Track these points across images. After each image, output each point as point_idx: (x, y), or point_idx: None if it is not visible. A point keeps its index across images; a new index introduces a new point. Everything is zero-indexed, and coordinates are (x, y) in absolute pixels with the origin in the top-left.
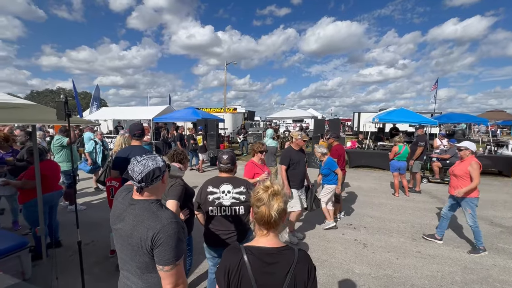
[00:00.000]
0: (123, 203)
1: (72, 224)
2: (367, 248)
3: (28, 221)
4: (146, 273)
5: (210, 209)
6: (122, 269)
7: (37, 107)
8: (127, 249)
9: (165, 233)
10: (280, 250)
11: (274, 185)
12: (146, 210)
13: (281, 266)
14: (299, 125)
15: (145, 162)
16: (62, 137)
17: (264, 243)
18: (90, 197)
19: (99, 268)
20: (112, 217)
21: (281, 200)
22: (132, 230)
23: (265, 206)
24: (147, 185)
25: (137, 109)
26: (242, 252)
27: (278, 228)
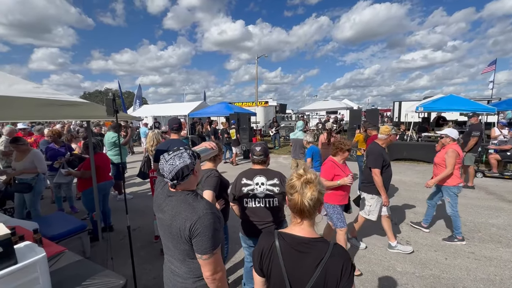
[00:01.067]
0: (162, 193)
1: (120, 211)
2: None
3: (86, 207)
4: (188, 259)
5: (244, 200)
6: (166, 254)
7: (91, 105)
8: (169, 237)
9: (201, 224)
10: (313, 241)
11: (308, 173)
12: (183, 202)
13: (312, 257)
14: (334, 116)
15: (173, 162)
16: (116, 135)
17: (298, 231)
18: (136, 187)
19: (145, 251)
20: (154, 206)
21: (315, 189)
22: (171, 221)
23: (298, 194)
24: (179, 182)
25: (174, 106)
26: (275, 237)
27: (313, 217)
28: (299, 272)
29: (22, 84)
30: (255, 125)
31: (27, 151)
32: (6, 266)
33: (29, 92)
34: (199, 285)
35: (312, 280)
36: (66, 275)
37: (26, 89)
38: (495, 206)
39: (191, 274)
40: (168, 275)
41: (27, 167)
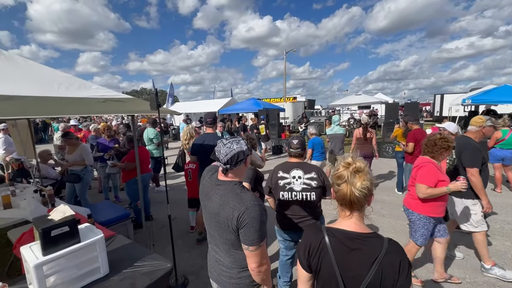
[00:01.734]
0: (210, 182)
1: (158, 203)
2: (459, 250)
3: (130, 197)
4: (233, 250)
5: (281, 193)
6: (210, 243)
7: (134, 100)
8: (215, 226)
9: (249, 215)
10: (366, 237)
11: (357, 161)
12: (231, 191)
13: (366, 254)
14: (368, 111)
15: (230, 145)
16: (157, 132)
17: (347, 226)
18: (170, 180)
19: (182, 240)
20: (201, 194)
21: (365, 177)
22: (219, 209)
23: (347, 184)
24: (231, 167)
25: (204, 103)
26: (324, 233)
27: (363, 209)
28: (352, 270)
29: (77, 83)
30: (283, 121)
31: (76, 145)
32: (72, 244)
33: (82, 90)
34: (243, 275)
35: (367, 278)
36: (119, 255)
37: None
38: None
39: (236, 264)
40: (213, 264)
41: (76, 159)
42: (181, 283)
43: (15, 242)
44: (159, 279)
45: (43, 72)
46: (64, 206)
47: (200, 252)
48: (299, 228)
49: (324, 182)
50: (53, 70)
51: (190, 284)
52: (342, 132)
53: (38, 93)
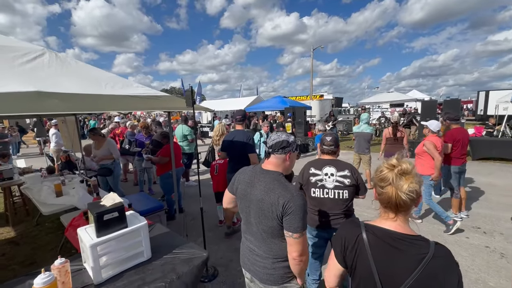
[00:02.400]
0: (254, 171)
1: (187, 197)
2: (506, 259)
3: (163, 189)
4: (270, 238)
5: (312, 190)
6: (245, 232)
7: (171, 97)
8: (256, 213)
9: (294, 203)
10: (411, 238)
11: (403, 163)
12: (276, 180)
13: (409, 255)
14: (401, 109)
15: (280, 134)
16: (191, 129)
17: (391, 226)
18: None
19: (211, 233)
20: (240, 183)
21: (413, 180)
22: (263, 195)
23: (392, 186)
24: (273, 152)
25: (231, 101)
26: (361, 229)
27: (409, 212)
28: (392, 271)
29: (121, 82)
30: (310, 119)
31: (103, 140)
32: (121, 228)
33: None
34: (277, 266)
35: (409, 281)
36: (159, 242)
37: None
38: None
39: (271, 254)
40: (247, 253)
41: (105, 154)
42: (211, 274)
43: (67, 225)
44: (196, 267)
45: (91, 72)
46: (113, 194)
47: (229, 245)
48: (329, 226)
49: (358, 180)
50: (100, 70)
51: (219, 275)
52: (369, 131)
53: (88, 91)
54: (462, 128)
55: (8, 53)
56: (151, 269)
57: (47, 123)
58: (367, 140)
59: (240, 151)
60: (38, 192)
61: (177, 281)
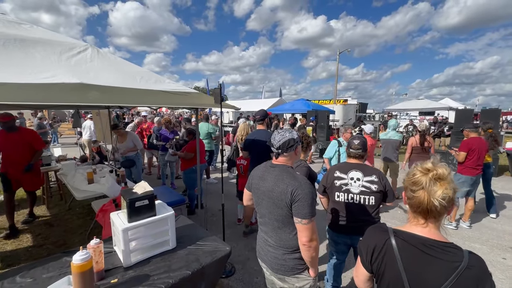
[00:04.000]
0: (265, 166)
1: (208, 193)
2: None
3: (186, 184)
4: (282, 227)
5: (336, 194)
6: (261, 224)
7: (199, 94)
8: (267, 203)
9: (302, 190)
10: (443, 245)
11: (439, 167)
12: (285, 172)
13: (442, 264)
14: (432, 117)
15: (284, 133)
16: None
17: (421, 232)
18: (219, 173)
19: (230, 231)
20: (253, 178)
21: (448, 186)
22: (273, 186)
23: (424, 191)
24: (282, 152)
25: (253, 102)
26: (390, 234)
27: (441, 219)
28: (423, 278)
29: (154, 77)
30: (333, 124)
31: (125, 134)
32: (150, 216)
33: (158, 83)
34: (288, 258)
35: None
36: (183, 233)
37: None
38: None
39: (281, 244)
40: (262, 244)
41: (129, 146)
42: (229, 270)
43: (97, 211)
44: (219, 259)
45: (128, 67)
46: (144, 183)
47: (247, 244)
48: (353, 232)
49: (386, 187)
50: (135, 65)
51: (236, 272)
52: (398, 138)
53: (126, 84)
54: (480, 138)
55: (57, 47)
56: (176, 257)
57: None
58: (395, 147)
59: (262, 151)
60: (72, 178)
61: (201, 270)
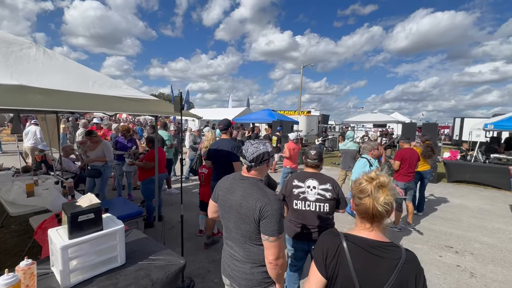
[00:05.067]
0: (234, 178)
1: (169, 204)
2: (475, 279)
3: (144, 195)
4: (248, 243)
5: (294, 202)
6: (226, 238)
7: (159, 101)
8: (235, 218)
9: (271, 207)
10: (386, 245)
11: (381, 176)
12: (254, 186)
13: (386, 262)
14: (383, 129)
15: (257, 146)
16: (170, 134)
17: (368, 235)
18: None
19: (190, 243)
20: (221, 190)
21: (389, 193)
22: (242, 200)
23: (370, 198)
24: (256, 165)
25: (219, 110)
26: (341, 238)
27: (383, 222)
28: (371, 277)
29: (109, 82)
30: (297, 134)
31: (99, 142)
32: (96, 231)
33: (113, 89)
34: (256, 271)
35: (387, 286)
36: (135, 248)
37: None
38: None
39: (249, 259)
40: (227, 259)
41: (98, 155)
42: (187, 285)
43: (36, 228)
44: (173, 274)
45: (79, 70)
46: (91, 195)
47: (207, 256)
48: (310, 239)
49: (338, 194)
50: (89, 69)
51: (196, 286)
52: (355, 148)
53: (74, 88)
54: (411, 148)
55: None
56: (124, 274)
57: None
58: (353, 157)
59: (225, 160)
60: (7, 192)
61: (151, 286)
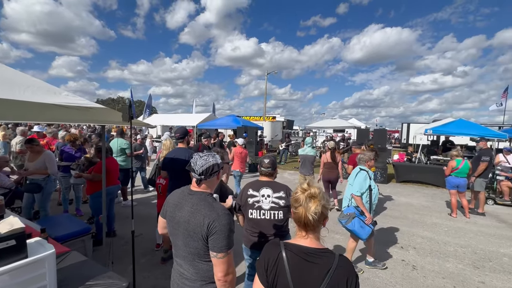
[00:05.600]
0: (182, 193)
1: (124, 217)
2: (416, 271)
3: (93, 210)
4: (197, 260)
5: (249, 211)
6: (176, 256)
7: (107, 110)
8: (183, 235)
9: (220, 222)
10: (320, 252)
11: (312, 187)
12: (203, 201)
13: (319, 268)
14: (341, 135)
15: (207, 158)
16: (126, 141)
17: (303, 242)
18: (140, 195)
19: (146, 259)
20: (169, 206)
21: (319, 203)
22: (189, 217)
23: (302, 207)
24: (205, 178)
25: (183, 116)
26: (281, 248)
27: (317, 230)
28: (306, 283)
29: (46, 87)
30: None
31: (40, 152)
32: (17, 260)
33: (51, 95)
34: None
35: None
36: (71, 274)
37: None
38: (507, 235)
39: (199, 276)
40: (176, 278)
41: (39, 168)
42: None
43: None
44: None
45: (7, 74)
46: (14, 218)
47: (164, 272)
48: None
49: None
50: (21, 73)
51: None
52: (313, 154)
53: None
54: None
55: None
56: None
57: None
58: (311, 162)
59: (181, 170)
60: None
61: None
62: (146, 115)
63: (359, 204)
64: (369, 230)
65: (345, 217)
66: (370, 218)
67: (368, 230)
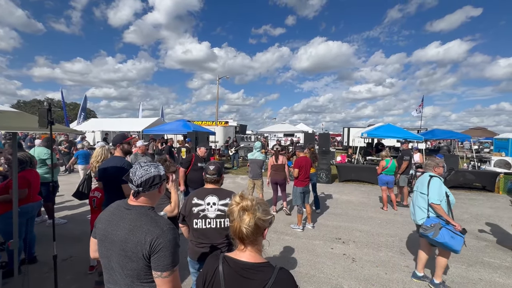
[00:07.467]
0: (118, 207)
1: (51, 239)
2: (355, 263)
3: (3, 234)
4: (137, 283)
5: (194, 221)
6: (108, 282)
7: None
8: (118, 256)
9: (165, 238)
10: (258, 266)
11: (245, 199)
12: (144, 215)
13: (256, 284)
14: (290, 139)
15: (148, 168)
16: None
17: (241, 256)
18: (71, 211)
19: (77, 285)
20: (102, 223)
21: (252, 216)
22: (127, 235)
23: (236, 221)
24: (144, 190)
25: (127, 121)
26: (219, 261)
27: (256, 243)
28: None
29: None
30: (213, 145)
31: None
32: None
33: None
34: None
35: None
36: None
37: None
38: None
39: None
40: None
41: None
42: None
43: None
44: None
45: None
46: None
47: None
48: None
49: None
50: None
51: None
52: (262, 158)
53: None
54: (305, 156)
55: None
56: None
57: None
58: (260, 166)
59: (115, 181)
60: None
61: None
62: (81, 119)
63: (441, 213)
64: (460, 239)
65: (430, 229)
66: (458, 225)
67: (460, 239)
